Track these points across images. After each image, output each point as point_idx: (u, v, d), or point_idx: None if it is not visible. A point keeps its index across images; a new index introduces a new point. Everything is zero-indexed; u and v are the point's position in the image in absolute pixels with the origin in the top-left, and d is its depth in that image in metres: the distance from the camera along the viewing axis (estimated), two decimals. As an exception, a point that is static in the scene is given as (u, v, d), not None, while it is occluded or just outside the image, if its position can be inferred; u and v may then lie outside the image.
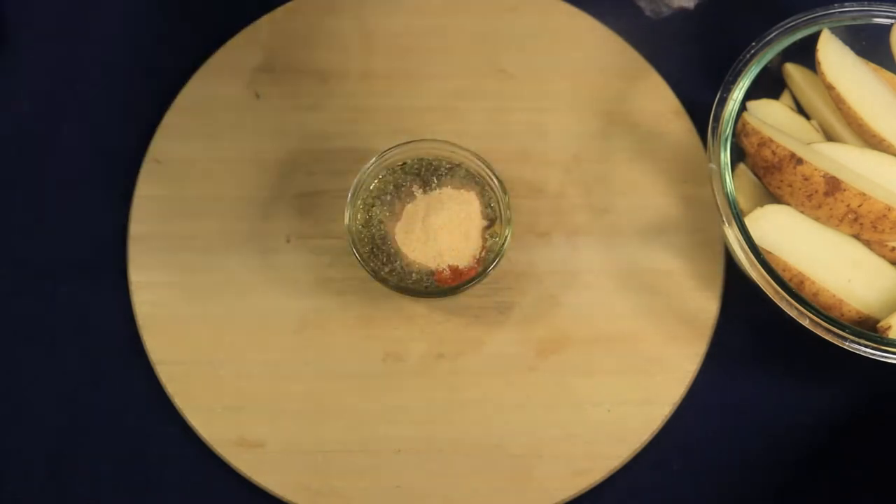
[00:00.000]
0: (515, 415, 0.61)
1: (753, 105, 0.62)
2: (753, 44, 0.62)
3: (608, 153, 0.67)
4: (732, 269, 0.64)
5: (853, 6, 0.62)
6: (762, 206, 0.59)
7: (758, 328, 0.64)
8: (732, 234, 0.58)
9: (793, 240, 0.59)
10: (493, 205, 0.62)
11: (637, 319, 0.63)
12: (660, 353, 0.63)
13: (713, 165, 0.59)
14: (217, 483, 0.61)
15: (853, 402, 0.64)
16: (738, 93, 0.61)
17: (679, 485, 0.62)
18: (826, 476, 0.62)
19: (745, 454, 0.62)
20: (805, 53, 0.62)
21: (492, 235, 0.62)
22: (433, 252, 0.60)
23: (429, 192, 0.62)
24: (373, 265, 0.61)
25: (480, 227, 0.61)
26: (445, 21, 0.70)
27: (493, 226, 0.62)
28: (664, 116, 0.68)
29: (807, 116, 0.64)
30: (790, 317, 0.57)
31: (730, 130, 0.60)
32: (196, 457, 0.61)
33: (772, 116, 0.62)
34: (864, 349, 0.55)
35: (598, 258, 0.65)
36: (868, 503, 0.62)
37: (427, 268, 0.61)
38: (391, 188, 0.63)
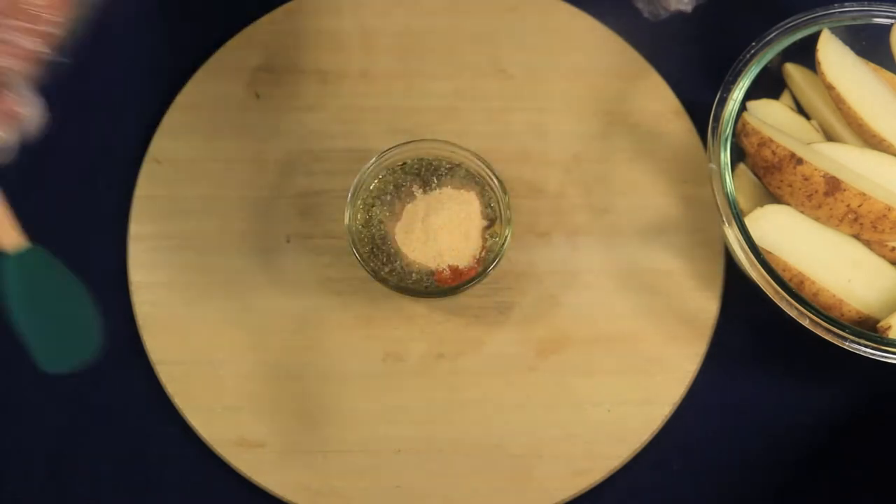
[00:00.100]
0: (515, 415, 0.61)
1: (753, 105, 0.62)
2: (753, 44, 0.61)
3: (608, 153, 0.67)
4: (732, 269, 0.64)
5: (853, 6, 0.62)
6: (762, 206, 0.59)
7: (758, 328, 0.64)
8: (732, 234, 0.58)
9: (793, 240, 0.59)
10: (493, 205, 0.62)
11: (637, 319, 0.63)
12: (660, 353, 0.63)
13: (713, 165, 0.59)
14: (217, 483, 0.61)
15: (853, 402, 0.64)
16: (738, 93, 0.61)
17: (679, 485, 0.62)
18: (826, 476, 0.62)
19: (745, 454, 0.62)
20: (805, 53, 0.62)
21: (492, 235, 0.62)
22: (433, 252, 0.60)
23: (429, 192, 0.62)
24: (373, 265, 0.61)
25: (480, 227, 0.61)
26: (445, 21, 0.70)
27: (493, 226, 0.62)
28: (664, 116, 0.68)
29: (807, 116, 0.64)
30: (790, 317, 0.57)
31: (730, 130, 0.60)
32: (196, 457, 0.61)
33: (772, 116, 0.62)
34: (864, 349, 0.55)
35: (598, 258, 0.65)
36: (868, 503, 0.62)
37: (427, 268, 0.61)
38: (391, 188, 0.63)
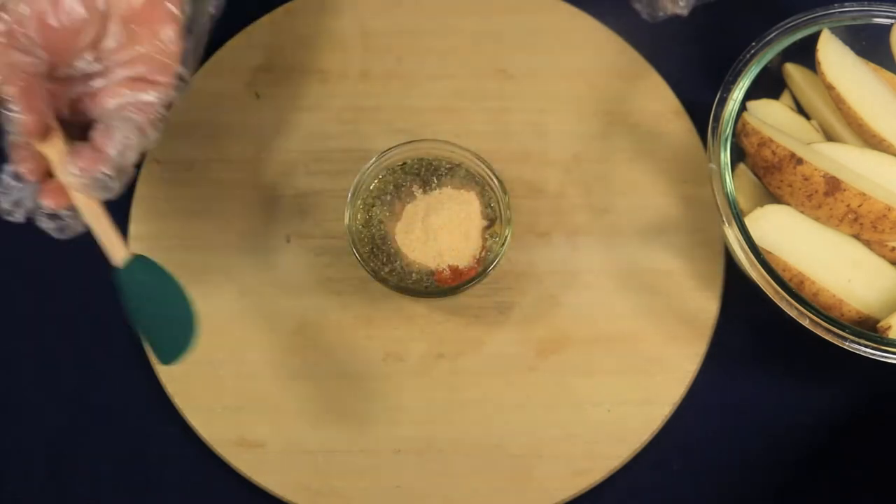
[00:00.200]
0: (515, 415, 0.61)
1: (753, 105, 0.62)
2: (753, 44, 0.61)
3: (608, 153, 0.67)
4: (732, 269, 0.64)
5: (853, 6, 0.62)
6: (762, 206, 0.59)
7: (758, 328, 0.64)
8: (732, 234, 0.58)
9: (793, 240, 0.59)
10: (493, 205, 0.62)
11: (637, 319, 0.63)
12: (660, 353, 0.62)
13: (713, 165, 0.59)
14: (217, 483, 0.61)
15: (853, 402, 0.64)
16: (738, 93, 0.61)
17: (679, 485, 0.62)
18: (826, 476, 0.62)
19: (745, 454, 0.62)
20: (805, 53, 0.62)
21: (492, 235, 0.62)
22: (433, 252, 0.60)
23: (429, 192, 0.62)
24: (373, 265, 0.61)
25: (480, 227, 0.61)
26: (445, 21, 0.70)
27: (493, 226, 0.62)
28: (664, 116, 0.68)
29: (807, 116, 0.64)
30: (790, 317, 0.57)
31: (730, 130, 0.60)
32: (196, 457, 0.61)
33: (772, 116, 0.62)
34: (864, 349, 0.55)
35: (598, 258, 0.65)
36: (868, 503, 0.62)
37: (427, 268, 0.61)
38: (391, 188, 0.63)
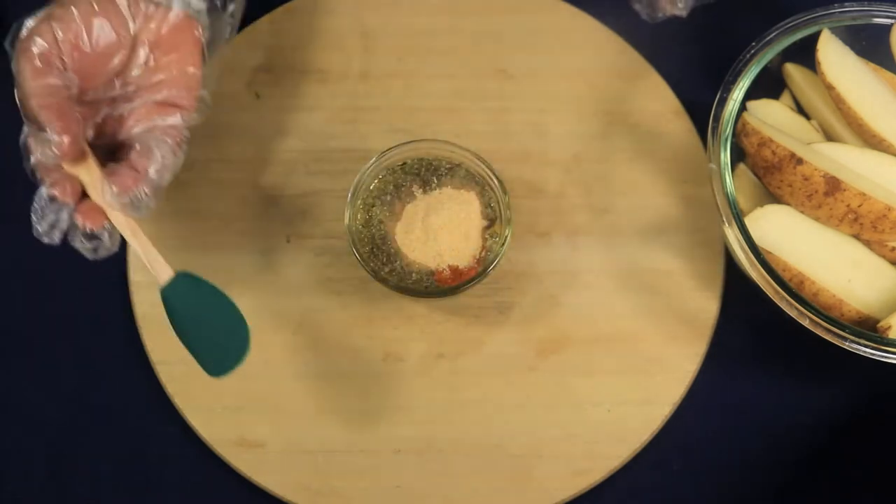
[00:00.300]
0: (515, 415, 0.61)
1: (753, 105, 0.62)
2: (753, 44, 0.61)
3: (608, 153, 0.67)
4: (732, 269, 0.64)
5: (853, 6, 0.62)
6: (762, 206, 0.59)
7: (758, 328, 0.64)
8: (732, 234, 0.58)
9: (793, 240, 0.59)
10: (493, 205, 0.62)
11: (637, 319, 0.63)
12: (660, 353, 0.63)
13: (713, 165, 0.59)
14: (217, 483, 0.61)
15: (853, 402, 0.64)
16: (738, 93, 0.61)
17: (679, 485, 0.62)
18: (826, 476, 0.62)
19: (745, 454, 0.62)
20: (805, 53, 0.62)
21: (492, 235, 0.62)
22: (433, 252, 0.60)
23: (429, 192, 0.62)
24: (373, 265, 0.61)
25: (480, 227, 0.61)
26: (445, 21, 0.70)
27: (493, 226, 0.62)
28: (664, 116, 0.68)
29: (807, 116, 0.64)
30: (790, 317, 0.57)
31: (730, 130, 0.60)
32: (196, 457, 0.61)
33: (772, 116, 0.62)
34: (864, 349, 0.55)
35: (598, 258, 0.65)
36: (868, 503, 0.62)
37: (427, 268, 0.61)
38: (391, 188, 0.63)
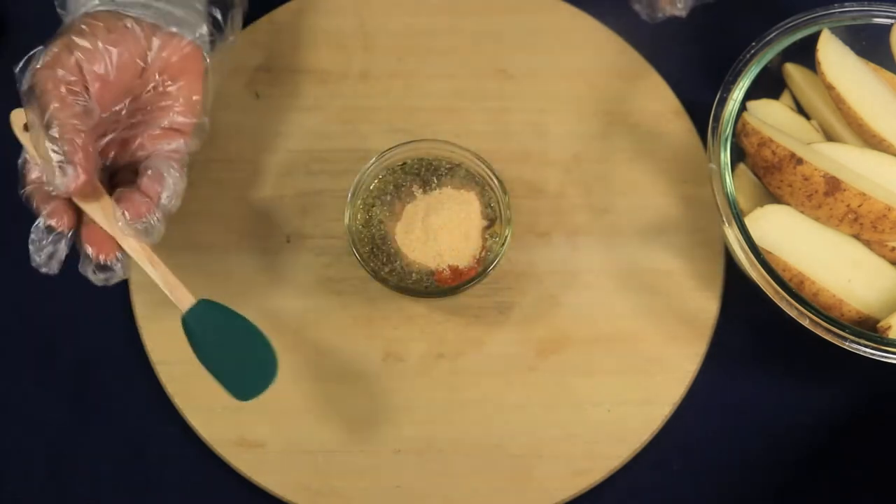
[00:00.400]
0: (515, 415, 0.61)
1: (753, 105, 0.62)
2: (753, 44, 0.62)
3: (608, 153, 0.67)
4: (732, 269, 0.64)
5: (853, 6, 0.62)
6: (762, 206, 0.59)
7: (758, 328, 0.64)
8: (732, 234, 0.58)
9: (793, 240, 0.59)
10: (493, 205, 0.62)
11: (637, 319, 0.63)
12: (660, 353, 0.62)
13: (713, 165, 0.59)
14: (217, 483, 0.61)
15: (853, 402, 0.64)
16: (738, 93, 0.61)
17: (679, 485, 0.62)
18: (826, 476, 0.62)
19: (745, 454, 0.62)
20: (805, 53, 0.62)
21: (492, 235, 0.62)
22: (433, 252, 0.60)
23: (429, 192, 0.62)
24: (373, 265, 0.61)
25: (480, 227, 0.61)
26: (445, 21, 0.70)
27: (493, 226, 0.62)
28: (664, 116, 0.68)
29: (807, 116, 0.64)
30: (790, 317, 0.57)
31: (730, 130, 0.60)
32: (196, 457, 0.61)
33: (772, 116, 0.62)
34: (864, 349, 0.55)
35: (598, 258, 0.65)
36: (868, 503, 0.62)
37: (427, 268, 0.61)
38: (391, 188, 0.63)
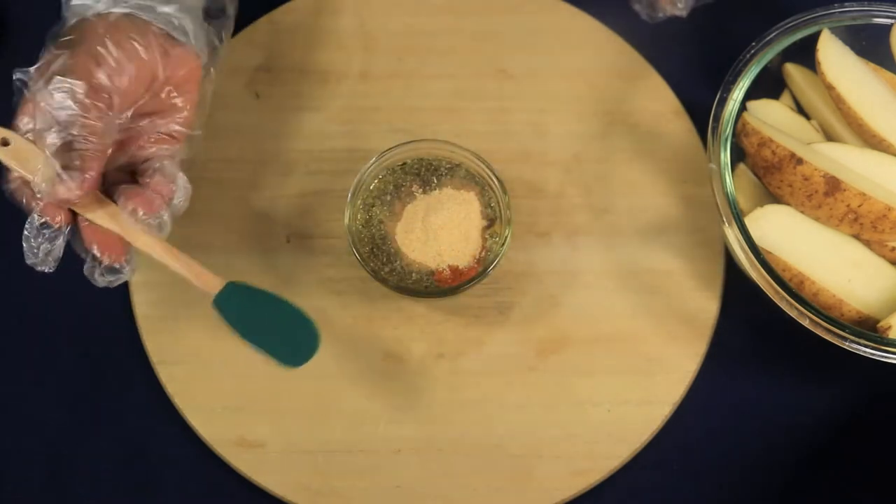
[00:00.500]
0: (515, 415, 0.61)
1: (753, 105, 0.62)
2: (753, 44, 0.61)
3: (608, 153, 0.67)
4: (732, 269, 0.64)
5: (853, 6, 0.62)
6: (762, 206, 0.59)
7: (758, 328, 0.64)
8: (732, 234, 0.58)
9: (793, 240, 0.59)
10: (493, 205, 0.62)
11: (637, 319, 0.63)
12: (660, 353, 0.62)
13: (713, 165, 0.59)
14: (217, 483, 0.61)
15: (853, 402, 0.64)
16: (738, 93, 0.61)
17: (679, 485, 0.62)
18: (826, 476, 0.62)
19: (745, 454, 0.62)
20: (805, 53, 0.62)
21: (492, 235, 0.62)
22: (433, 252, 0.60)
23: (429, 192, 0.62)
24: (373, 265, 0.61)
25: (480, 227, 0.61)
26: (445, 21, 0.70)
27: (493, 226, 0.62)
28: (664, 116, 0.68)
29: (807, 116, 0.64)
30: (790, 317, 0.57)
31: (730, 130, 0.60)
32: (196, 457, 0.61)
33: (772, 116, 0.62)
34: (864, 349, 0.55)
35: (598, 258, 0.65)
36: (868, 503, 0.62)
37: (427, 268, 0.61)
38: (391, 188, 0.63)
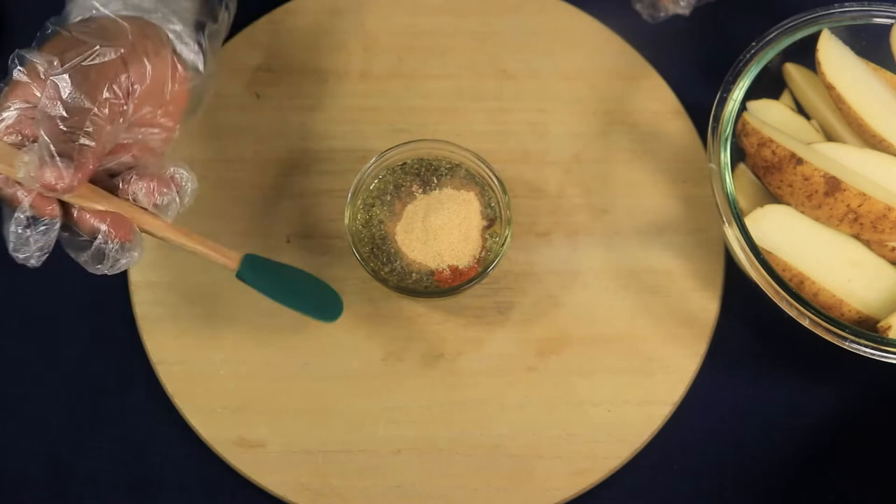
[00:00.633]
0: (515, 415, 0.61)
1: (753, 105, 0.62)
2: (753, 44, 0.62)
3: (608, 153, 0.67)
4: (732, 269, 0.64)
5: (853, 6, 0.62)
6: (762, 206, 0.59)
7: (758, 328, 0.64)
8: (732, 234, 0.58)
9: (793, 240, 0.59)
10: (493, 205, 0.62)
11: (637, 319, 0.63)
12: (660, 353, 0.62)
13: (713, 165, 0.59)
14: (217, 483, 0.61)
15: (853, 402, 0.64)
16: (738, 93, 0.61)
17: (679, 485, 0.62)
18: (826, 476, 0.62)
19: (745, 454, 0.62)
20: (805, 53, 0.62)
21: (492, 235, 0.62)
22: (433, 252, 0.60)
23: (429, 192, 0.62)
24: (373, 265, 0.61)
25: (480, 227, 0.61)
26: (445, 21, 0.70)
27: (493, 226, 0.62)
28: (664, 116, 0.68)
29: (807, 116, 0.64)
30: (790, 317, 0.57)
31: (730, 130, 0.60)
32: (196, 457, 0.61)
33: (772, 116, 0.62)
34: (864, 349, 0.55)
35: (598, 258, 0.65)
36: (868, 503, 0.62)
37: (427, 268, 0.61)
38: (391, 188, 0.63)
